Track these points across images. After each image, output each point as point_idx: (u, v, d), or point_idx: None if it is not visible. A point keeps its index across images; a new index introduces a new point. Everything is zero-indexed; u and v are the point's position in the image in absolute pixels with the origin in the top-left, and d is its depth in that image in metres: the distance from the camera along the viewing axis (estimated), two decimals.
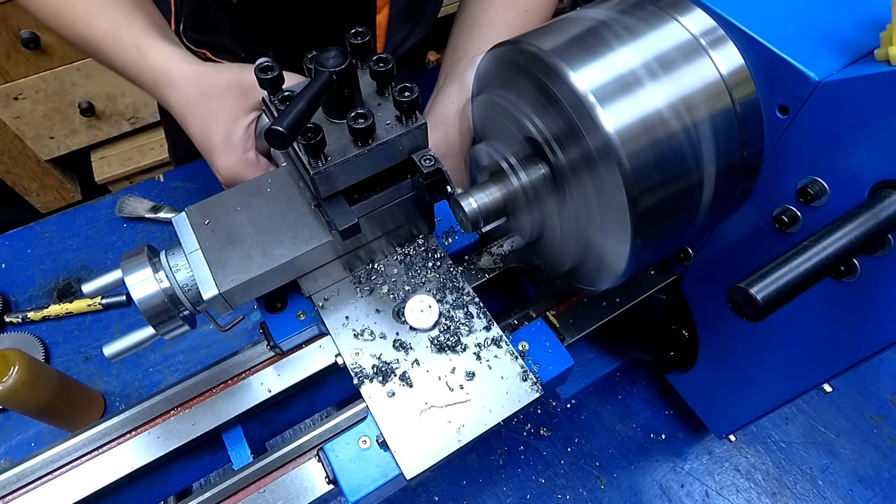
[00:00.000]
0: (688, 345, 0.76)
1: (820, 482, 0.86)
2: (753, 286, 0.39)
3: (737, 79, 0.48)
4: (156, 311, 0.55)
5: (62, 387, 0.87)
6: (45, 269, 1.11)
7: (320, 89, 0.46)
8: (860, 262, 0.48)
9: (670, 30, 0.49)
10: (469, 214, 0.56)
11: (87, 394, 0.93)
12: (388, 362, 0.58)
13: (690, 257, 0.66)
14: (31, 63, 1.93)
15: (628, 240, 0.48)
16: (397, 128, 0.52)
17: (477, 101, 0.63)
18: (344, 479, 0.54)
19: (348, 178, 0.53)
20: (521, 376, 0.57)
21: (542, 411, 0.93)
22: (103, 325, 1.04)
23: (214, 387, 0.62)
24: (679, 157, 0.47)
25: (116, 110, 2.17)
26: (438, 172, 0.54)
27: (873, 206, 0.42)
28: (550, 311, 0.69)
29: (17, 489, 0.57)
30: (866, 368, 0.96)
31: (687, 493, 0.86)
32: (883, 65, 0.42)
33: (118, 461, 0.58)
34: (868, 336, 0.52)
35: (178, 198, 1.18)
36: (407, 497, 0.87)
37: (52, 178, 2.31)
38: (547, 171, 0.55)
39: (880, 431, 0.90)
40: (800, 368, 0.61)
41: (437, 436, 0.54)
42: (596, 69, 0.46)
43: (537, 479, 0.88)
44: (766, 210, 0.54)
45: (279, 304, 0.64)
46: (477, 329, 0.60)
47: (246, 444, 0.62)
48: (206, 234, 0.57)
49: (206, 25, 0.97)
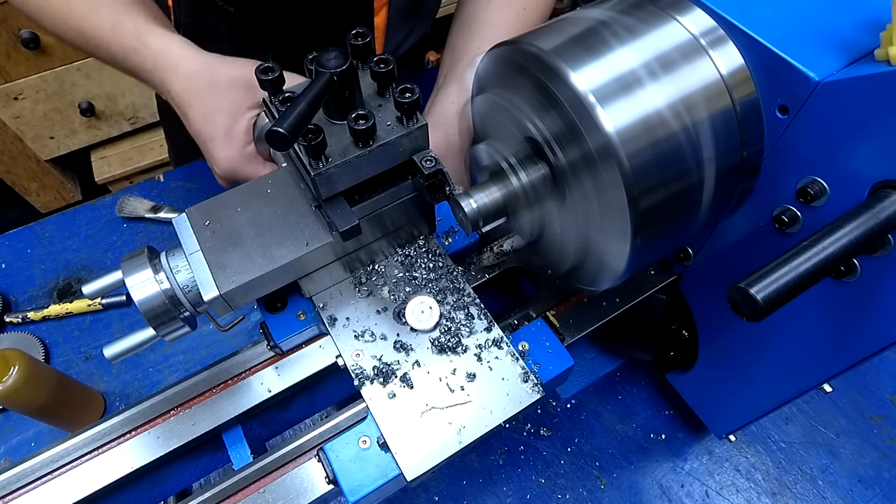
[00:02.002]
0: (688, 345, 0.76)
1: (820, 482, 0.87)
2: (753, 286, 0.39)
3: (737, 79, 0.48)
4: (156, 313, 0.55)
5: (62, 387, 0.87)
6: (45, 269, 1.11)
7: (321, 90, 0.46)
8: (860, 262, 0.48)
9: (670, 30, 0.49)
10: (469, 214, 0.56)
11: (87, 394, 0.94)
12: (389, 363, 0.58)
13: (690, 257, 0.66)
14: (31, 63, 1.93)
15: (628, 240, 0.48)
16: (398, 129, 0.52)
17: (477, 101, 0.63)
18: (344, 479, 0.54)
19: (349, 179, 0.53)
20: (521, 377, 0.57)
21: (542, 411, 0.93)
22: (103, 325, 1.04)
23: (214, 387, 0.62)
24: (679, 157, 0.47)
25: (116, 110, 2.17)
26: (439, 173, 0.54)
27: (873, 206, 0.42)
28: (550, 311, 0.69)
29: (17, 489, 0.57)
30: (866, 368, 0.96)
31: (687, 493, 0.86)
32: (883, 65, 0.42)
33: (118, 461, 0.58)
34: (868, 336, 0.52)
35: (178, 198, 1.18)
36: (407, 497, 0.87)
37: (52, 178, 2.31)
38: (547, 171, 0.55)
39: (880, 431, 0.90)
40: (800, 368, 0.61)
41: (437, 437, 0.54)
42: (596, 69, 0.46)
43: (537, 479, 0.88)
44: (766, 210, 0.54)
45: (279, 304, 0.64)
46: (478, 330, 0.60)
47: (246, 444, 0.62)
48: (206, 235, 0.57)
49: (205, 33, 0.96)
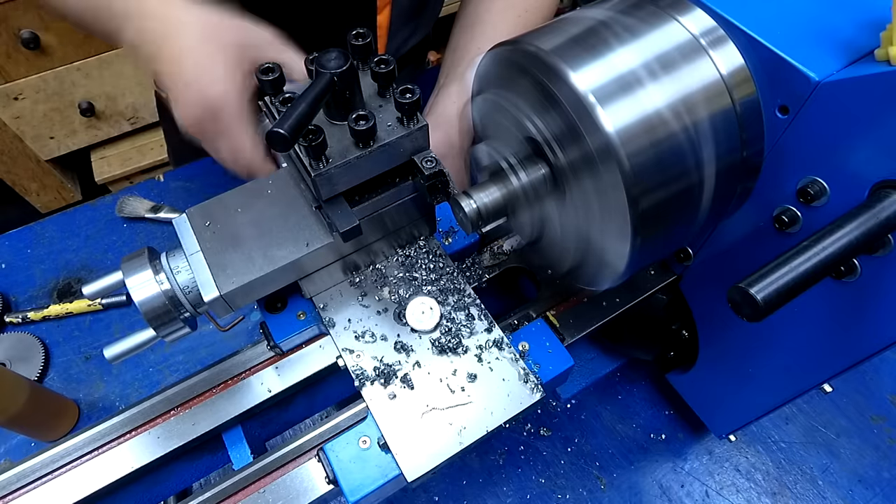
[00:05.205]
0: (688, 345, 0.76)
1: (820, 482, 0.87)
2: (753, 286, 0.39)
3: (737, 79, 0.48)
4: (157, 313, 0.55)
5: (34, 397, 0.84)
6: (45, 269, 1.10)
7: (321, 91, 0.46)
8: (860, 262, 0.48)
9: (670, 30, 0.49)
10: (469, 214, 0.56)
11: (60, 403, 0.91)
12: (390, 364, 0.58)
13: (690, 257, 0.66)
14: (31, 63, 1.93)
15: (628, 240, 0.49)
16: (399, 129, 0.52)
17: (477, 101, 0.63)
18: (344, 479, 0.54)
19: (349, 179, 0.53)
20: (522, 378, 0.57)
21: (542, 411, 0.93)
22: (103, 325, 1.04)
23: (214, 387, 0.62)
24: (679, 158, 0.47)
25: (116, 110, 2.17)
26: (440, 174, 0.54)
27: (873, 206, 0.42)
28: (550, 311, 0.69)
29: (17, 489, 0.57)
30: (866, 368, 0.96)
31: (687, 493, 0.86)
32: (883, 65, 0.42)
33: (118, 461, 0.58)
34: (868, 336, 0.52)
35: (178, 198, 1.18)
36: (407, 497, 0.87)
37: (52, 178, 2.31)
38: (547, 171, 0.55)
39: (880, 431, 0.90)
40: (800, 368, 0.61)
41: (438, 438, 0.54)
42: (596, 69, 0.46)
43: (537, 479, 0.88)
44: (766, 210, 0.54)
45: (279, 304, 0.64)
46: (478, 331, 0.60)
47: (246, 444, 0.62)
48: (206, 235, 0.57)
49: None
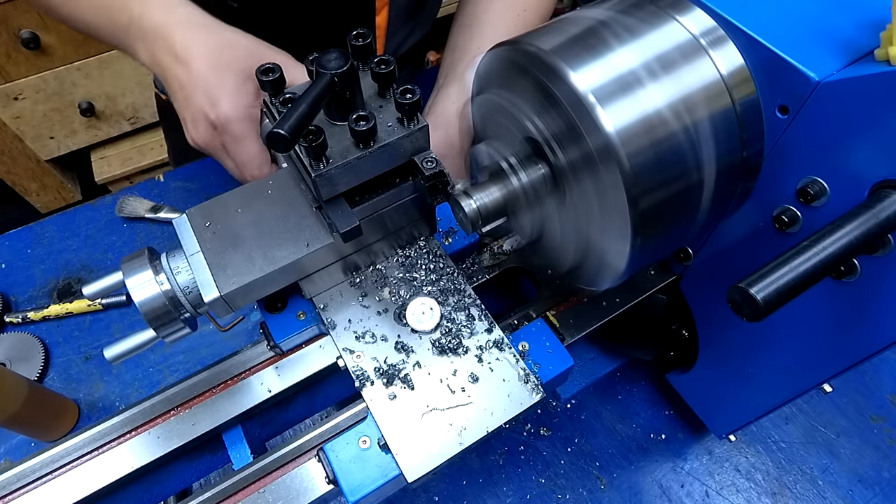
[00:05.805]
0: (688, 345, 0.76)
1: (820, 482, 0.86)
2: (753, 286, 0.39)
3: (737, 79, 0.48)
4: (157, 314, 0.55)
5: (34, 396, 0.84)
6: (45, 269, 1.10)
7: (322, 92, 0.46)
8: (860, 262, 0.48)
9: (670, 30, 0.49)
10: (469, 214, 0.56)
11: (60, 403, 0.91)
12: (390, 365, 0.58)
13: (690, 257, 0.66)
14: (31, 63, 1.93)
15: (628, 240, 0.49)
16: (399, 130, 0.52)
17: (477, 101, 0.63)
18: (344, 479, 0.54)
19: (350, 180, 0.53)
20: (522, 379, 0.57)
21: (542, 411, 0.93)
22: (103, 325, 1.04)
23: (214, 387, 0.62)
24: (679, 158, 0.47)
25: (116, 110, 2.17)
26: (440, 175, 0.54)
27: (873, 206, 0.42)
28: (550, 311, 0.69)
29: (17, 489, 0.57)
30: (866, 368, 0.96)
31: (687, 493, 0.86)
32: (883, 65, 0.42)
33: (118, 461, 0.58)
34: (868, 336, 0.52)
35: (178, 198, 1.18)
36: (407, 497, 0.87)
37: (52, 178, 2.31)
38: (547, 171, 0.55)
39: (880, 431, 0.90)
40: (800, 368, 0.61)
41: (438, 438, 0.54)
42: (596, 69, 0.46)
43: (537, 479, 0.88)
44: (766, 210, 0.54)
45: (279, 304, 0.64)
46: (478, 331, 0.60)
47: (246, 444, 0.62)
48: (207, 236, 0.57)
49: None
